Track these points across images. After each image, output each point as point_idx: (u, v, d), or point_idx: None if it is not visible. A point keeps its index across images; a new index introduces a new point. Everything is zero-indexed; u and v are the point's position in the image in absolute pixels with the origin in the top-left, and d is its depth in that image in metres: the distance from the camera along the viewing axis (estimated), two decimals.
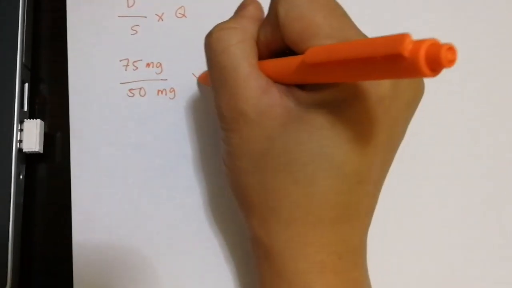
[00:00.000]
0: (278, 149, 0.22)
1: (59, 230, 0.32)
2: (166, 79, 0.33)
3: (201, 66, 0.33)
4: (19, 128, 0.32)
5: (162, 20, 0.34)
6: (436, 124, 0.33)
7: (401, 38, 0.15)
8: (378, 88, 0.21)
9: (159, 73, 0.33)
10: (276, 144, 0.22)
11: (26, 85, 0.33)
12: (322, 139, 0.21)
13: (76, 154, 0.32)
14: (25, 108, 0.33)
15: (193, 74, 0.33)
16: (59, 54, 0.34)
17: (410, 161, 0.32)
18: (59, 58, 0.34)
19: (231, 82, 0.22)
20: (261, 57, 0.24)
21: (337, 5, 0.22)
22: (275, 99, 0.22)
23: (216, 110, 0.24)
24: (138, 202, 0.32)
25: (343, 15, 0.22)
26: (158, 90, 0.33)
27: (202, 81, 0.33)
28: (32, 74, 0.34)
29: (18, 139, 0.32)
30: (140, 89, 0.33)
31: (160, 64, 0.33)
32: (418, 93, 0.23)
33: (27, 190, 0.32)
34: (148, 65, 0.33)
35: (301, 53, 0.21)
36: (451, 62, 0.15)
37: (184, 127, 0.32)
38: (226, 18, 0.33)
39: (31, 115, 0.34)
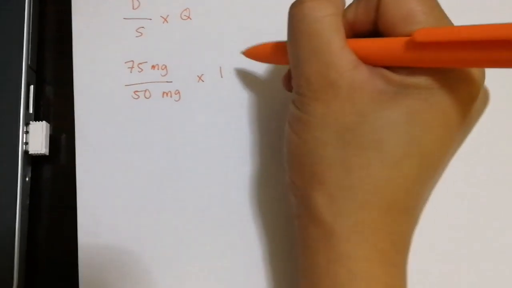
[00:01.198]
0: (369, 125, 0.21)
1: (64, 231, 0.32)
2: (171, 81, 0.33)
3: (207, 68, 0.33)
4: (24, 130, 0.32)
5: (167, 22, 0.34)
6: None
7: None
8: (473, 87, 0.21)
9: (164, 75, 0.33)
10: (367, 120, 0.21)
11: (32, 87, 0.33)
12: (414, 124, 0.21)
13: (82, 156, 0.32)
14: (31, 110, 0.33)
15: (198, 76, 0.33)
16: (64, 56, 0.34)
17: None
18: (64, 60, 0.34)
19: (325, 51, 0.22)
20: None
21: (440, 6, 0.22)
22: (366, 76, 0.22)
23: (299, 77, 0.23)
24: (144, 205, 0.32)
25: (445, 14, 0.22)
26: (163, 92, 0.33)
27: (253, 54, 0.30)
28: (37, 76, 0.34)
29: (24, 141, 0.32)
30: (145, 91, 0.33)
31: (165, 66, 0.33)
32: (488, 100, 0.24)
33: (33, 192, 0.33)
34: (153, 67, 0.33)
35: (397, 36, 0.21)
36: None
37: (190, 129, 0.33)
38: (232, 19, 0.34)
39: (37, 117, 0.34)
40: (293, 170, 0.24)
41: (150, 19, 0.34)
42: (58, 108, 0.34)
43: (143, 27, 0.34)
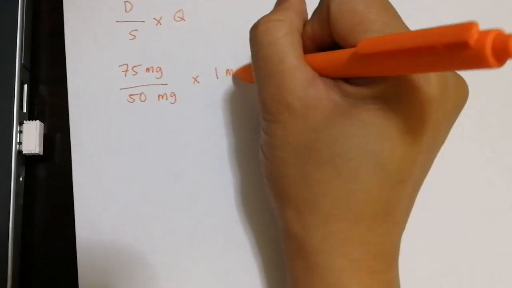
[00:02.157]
0: (323, 141, 0.22)
1: (59, 231, 0.33)
2: (167, 84, 0.34)
3: (202, 69, 0.34)
4: (18, 130, 0.32)
5: (161, 24, 0.35)
6: None
7: (468, 26, 0.15)
8: (428, 89, 0.21)
9: (159, 78, 0.34)
10: (321, 136, 0.22)
11: (25, 86, 0.33)
12: (368, 135, 0.21)
13: (78, 160, 0.33)
14: (24, 110, 0.33)
15: (193, 77, 0.34)
16: (58, 55, 0.34)
17: None
18: (58, 58, 0.34)
19: (278, 74, 0.23)
20: (306, 50, 0.24)
21: (390, 5, 0.22)
22: (321, 91, 0.22)
23: (259, 102, 0.24)
24: (141, 206, 0.32)
25: (396, 15, 0.22)
26: (159, 95, 0.33)
27: (240, 76, 0.33)
28: (31, 75, 0.34)
29: (18, 141, 0.32)
30: (141, 94, 0.33)
31: (160, 69, 0.34)
32: (463, 98, 0.24)
33: (27, 191, 0.33)
34: (147, 69, 0.34)
35: (350, 47, 0.21)
36: None
37: (186, 132, 0.33)
38: (225, 21, 0.34)
39: (31, 116, 0.34)
40: (268, 187, 0.25)
41: (143, 22, 0.35)
42: (52, 107, 0.34)
43: (136, 30, 0.34)
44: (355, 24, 0.21)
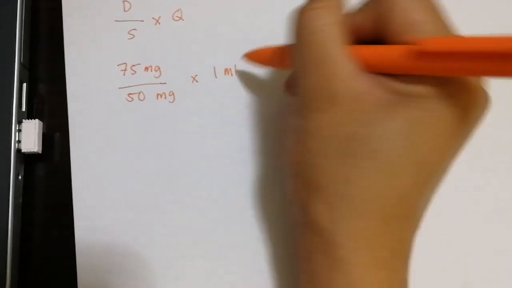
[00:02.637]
0: (368, 136, 0.21)
1: (58, 230, 0.33)
2: (165, 83, 0.34)
3: (200, 68, 0.34)
4: (17, 128, 0.32)
5: (159, 23, 0.35)
6: None
7: None
8: (472, 96, 0.21)
9: (158, 77, 0.34)
10: (366, 131, 0.21)
11: (24, 85, 0.33)
12: (411, 133, 0.21)
13: (77, 159, 0.33)
14: (23, 108, 0.33)
15: (192, 76, 0.34)
16: (58, 53, 0.34)
17: None
18: (57, 57, 0.34)
19: (325, 62, 0.22)
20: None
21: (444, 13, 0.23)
22: (368, 85, 0.22)
23: (301, 89, 0.23)
24: (139, 207, 0.32)
25: (448, 21, 0.22)
26: (158, 94, 0.33)
27: (254, 58, 0.31)
28: (30, 73, 0.34)
29: (17, 139, 0.32)
30: (139, 93, 0.33)
31: (159, 68, 0.34)
32: (487, 110, 0.23)
33: (26, 190, 0.33)
34: (146, 69, 0.34)
35: (400, 44, 0.21)
36: None
37: (184, 131, 0.33)
38: (224, 20, 0.34)
39: (30, 115, 0.34)
40: (293, 178, 0.25)
41: (142, 21, 0.35)
42: (51, 105, 0.34)
43: (135, 29, 0.35)
44: (413, 23, 0.21)
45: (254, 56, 0.30)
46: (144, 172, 0.32)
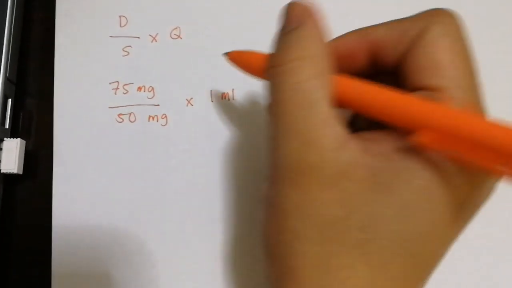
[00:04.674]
0: (355, 221, 0.18)
1: (35, 256, 0.31)
2: (158, 105, 0.32)
3: (197, 91, 0.32)
4: None
5: (156, 41, 0.33)
6: None
7: None
8: (481, 184, 0.19)
9: (151, 98, 0.32)
10: (354, 214, 0.18)
11: (9, 100, 0.32)
12: (411, 220, 0.18)
13: (59, 182, 0.31)
14: (7, 125, 0.31)
15: (187, 99, 0.32)
16: (49, 67, 0.33)
17: None
18: (48, 71, 0.33)
19: (303, 127, 0.18)
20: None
21: (473, 57, 0.20)
22: (355, 155, 0.18)
23: (272, 156, 0.20)
24: (124, 234, 0.30)
25: (475, 70, 0.19)
26: (149, 116, 0.32)
27: (238, 61, 0.26)
28: (18, 87, 0.33)
29: None
30: (130, 114, 0.32)
31: (152, 88, 0.32)
32: (488, 197, 0.21)
33: (6, 212, 0.31)
34: (139, 89, 0.32)
35: (416, 86, 0.19)
36: None
37: (176, 156, 0.31)
38: (224, 41, 0.33)
39: (14, 132, 0.32)
40: (265, 256, 0.21)
41: (138, 38, 0.33)
42: (39, 122, 0.33)
43: (130, 46, 0.33)
44: (445, 65, 0.19)
45: (238, 58, 0.26)
46: (129, 199, 0.31)
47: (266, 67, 0.20)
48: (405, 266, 0.18)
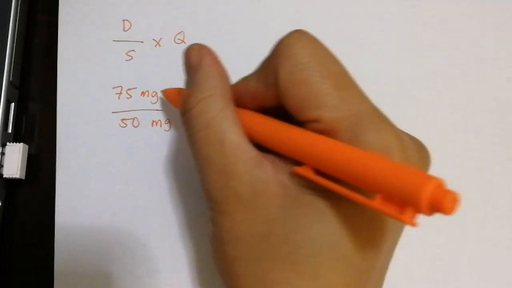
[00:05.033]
0: (278, 235, 0.19)
1: (41, 259, 0.30)
2: (162, 110, 0.32)
3: None
4: (0, 151, 0.30)
5: (160, 45, 0.33)
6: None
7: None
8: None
9: (155, 103, 0.32)
10: (275, 229, 0.19)
11: (12, 105, 0.31)
12: (327, 226, 0.19)
13: (62, 186, 0.30)
14: (9, 130, 0.31)
15: None
16: (53, 71, 0.32)
17: None
18: (52, 75, 0.32)
19: (219, 158, 0.20)
20: (244, 105, 0.22)
21: (346, 72, 0.20)
22: (269, 173, 0.20)
23: (203, 190, 0.22)
24: (128, 240, 0.30)
25: (353, 84, 0.20)
26: (153, 121, 0.31)
27: (166, 96, 0.29)
28: (21, 92, 0.32)
29: None
30: (134, 119, 0.31)
31: (156, 93, 0.32)
32: (428, 170, 0.22)
33: (8, 217, 0.31)
34: (143, 93, 0.32)
35: (302, 120, 0.20)
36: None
37: (179, 161, 0.31)
38: (228, 46, 0.32)
39: (17, 136, 0.32)
40: (223, 283, 0.22)
41: (142, 42, 0.33)
42: (42, 126, 0.32)
43: (133, 51, 0.33)
44: (309, 97, 0.19)
45: (165, 94, 0.29)
46: (132, 204, 0.30)
47: (181, 112, 0.22)
48: (343, 274, 0.19)
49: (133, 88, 0.32)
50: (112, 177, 0.31)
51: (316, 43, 0.20)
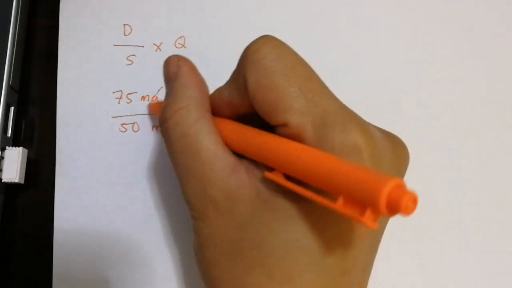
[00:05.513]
0: (250, 240, 0.19)
1: (39, 264, 0.30)
2: None
3: None
4: None
5: (160, 50, 0.33)
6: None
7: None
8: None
9: None
10: (248, 234, 0.20)
11: (12, 108, 0.31)
12: (296, 228, 0.19)
13: (61, 191, 0.30)
14: (9, 134, 0.31)
15: None
16: (53, 75, 0.32)
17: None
18: (52, 79, 0.32)
19: (196, 166, 0.21)
20: (222, 114, 0.23)
21: (314, 74, 0.20)
22: (243, 179, 0.20)
23: (184, 199, 0.22)
24: (127, 245, 0.30)
25: (320, 86, 0.20)
26: (153, 126, 0.31)
27: (155, 112, 0.30)
28: (21, 95, 0.32)
29: None
30: (134, 124, 0.31)
31: (157, 98, 0.32)
32: (404, 164, 0.22)
33: (7, 221, 0.30)
34: (143, 98, 0.32)
35: (272, 124, 0.20)
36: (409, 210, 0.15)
37: None
38: (229, 50, 0.32)
39: (16, 140, 0.32)
40: (205, 286, 0.23)
41: (142, 47, 0.33)
42: (42, 131, 0.32)
43: (134, 55, 0.33)
44: (276, 101, 0.19)
45: (151, 108, 0.30)
46: (132, 209, 0.30)
47: (160, 122, 0.23)
48: (317, 277, 0.19)
49: (134, 93, 0.32)
50: (111, 182, 0.30)
51: (282, 47, 0.20)
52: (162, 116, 0.22)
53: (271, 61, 0.20)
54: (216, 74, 0.32)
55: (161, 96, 0.32)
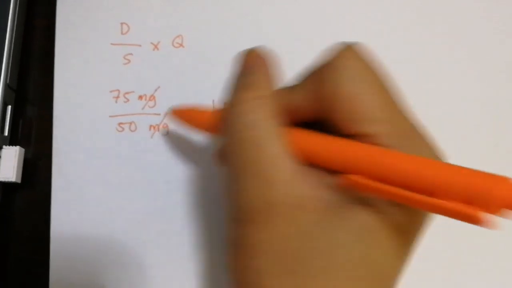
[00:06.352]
0: (315, 249, 0.18)
1: (36, 265, 0.30)
2: (160, 114, 0.31)
3: (199, 100, 0.31)
4: None
5: (158, 49, 0.33)
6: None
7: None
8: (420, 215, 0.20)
9: (152, 107, 0.31)
10: (313, 243, 0.18)
11: (9, 107, 0.31)
12: (369, 242, 0.18)
13: (58, 191, 0.30)
14: (6, 133, 0.31)
15: None
16: (50, 74, 0.32)
17: None
18: (49, 78, 0.32)
19: (260, 165, 0.19)
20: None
21: (393, 89, 0.20)
22: (311, 188, 0.19)
23: (230, 195, 0.20)
24: (124, 246, 0.30)
25: (399, 100, 0.20)
26: (150, 126, 0.31)
27: (183, 117, 0.27)
28: (18, 95, 0.32)
29: None
30: (131, 123, 0.31)
31: (154, 97, 0.32)
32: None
33: (3, 221, 0.30)
34: (140, 97, 0.32)
35: (349, 134, 0.19)
36: None
37: (177, 167, 0.31)
38: (228, 50, 0.32)
39: (14, 139, 0.32)
40: None
41: (140, 46, 0.33)
42: (39, 130, 0.32)
43: (131, 54, 0.32)
44: (357, 112, 0.19)
45: (182, 115, 0.27)
46: (128, 209, 0.30)
47: (225, 106, 0.21)
48: (368, 286, 0.19)
49: (131, 92, 0.32)
50: (108, 182, 0.30)
51: (367, 57, 0.20)
52: (234, 98, 0.21)
53: (357, 70, 0.19)
54: (214, 74, 0.32)
55: (159, 96, 0.32)
